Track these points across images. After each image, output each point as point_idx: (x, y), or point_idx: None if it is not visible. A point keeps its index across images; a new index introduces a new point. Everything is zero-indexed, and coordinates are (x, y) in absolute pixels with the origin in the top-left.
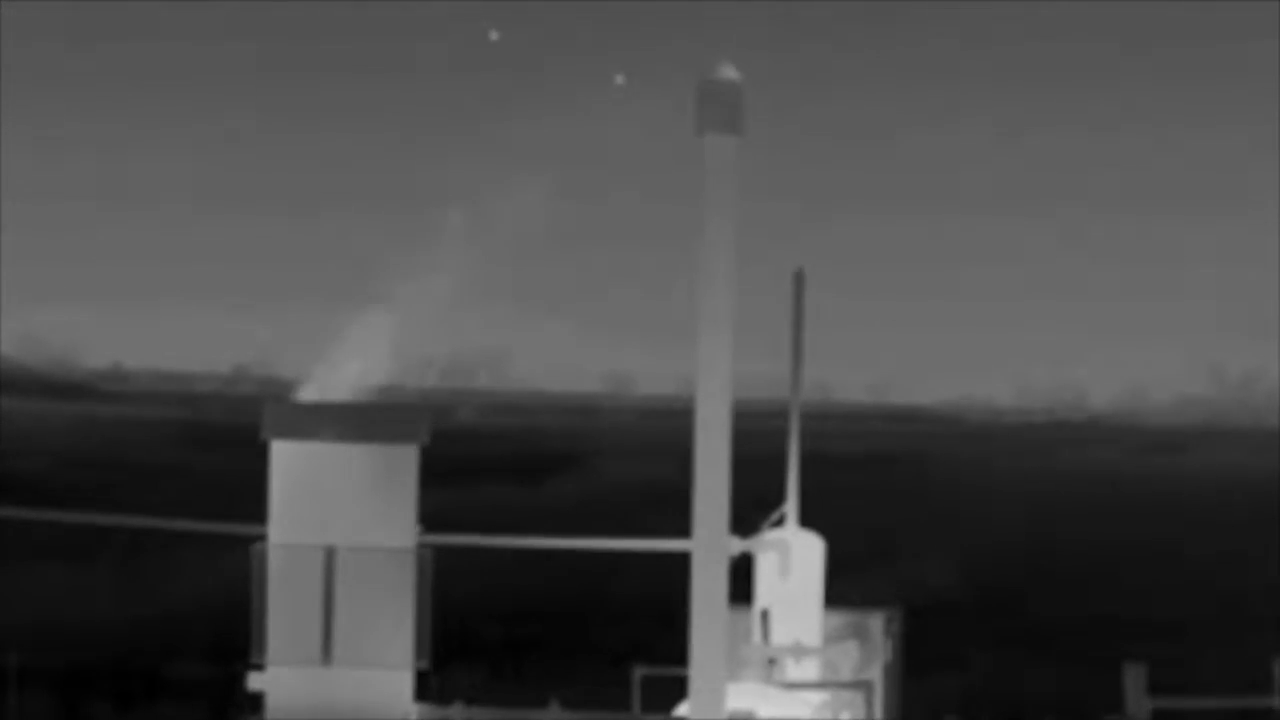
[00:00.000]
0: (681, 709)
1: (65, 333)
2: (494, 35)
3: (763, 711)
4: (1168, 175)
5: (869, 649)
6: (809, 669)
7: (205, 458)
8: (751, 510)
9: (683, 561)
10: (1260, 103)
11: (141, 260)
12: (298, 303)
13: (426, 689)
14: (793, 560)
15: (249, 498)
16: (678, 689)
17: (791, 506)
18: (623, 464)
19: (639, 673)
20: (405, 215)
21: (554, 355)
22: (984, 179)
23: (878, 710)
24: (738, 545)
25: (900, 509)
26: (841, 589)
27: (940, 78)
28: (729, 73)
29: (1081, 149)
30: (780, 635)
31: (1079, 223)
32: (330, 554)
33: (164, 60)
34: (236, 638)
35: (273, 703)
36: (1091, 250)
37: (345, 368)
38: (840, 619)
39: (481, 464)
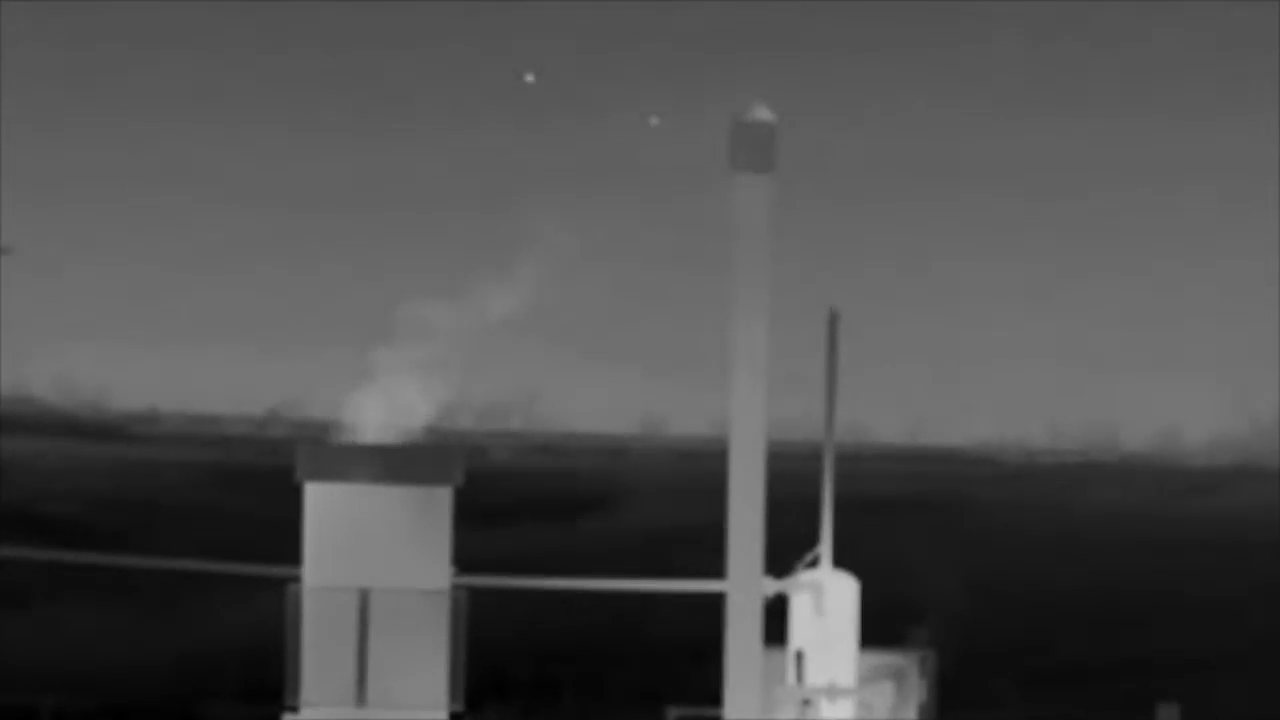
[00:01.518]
0: None
1: (98, 375)
2: (529, 77)
3: None
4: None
5: (904, 689)
6: (843, 710)
7: (239, 500)
8: (786, 551)
9: (717, 602)
10: None
11: (174, 302)
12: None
13: None
14: (827, 601)
15: (283, 539)
16: None
17: (825, 547)
18: (657, 505)
19: (673, 713)
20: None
21: (587, 396)
22: (1017, 217)
23: None
24: (772, 586)
25: (935, 550)
26: (876, 630)
27: (977, 119)
28: (762, 113)
29: (1117, 188)
30: (815, 676)
31: (1113, 262)
32: (364, 595)
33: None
34: (271, 679)
35: None
36: (1125, 289)
37: (379, 410)
38: (875, 659)
39: (515, 505)
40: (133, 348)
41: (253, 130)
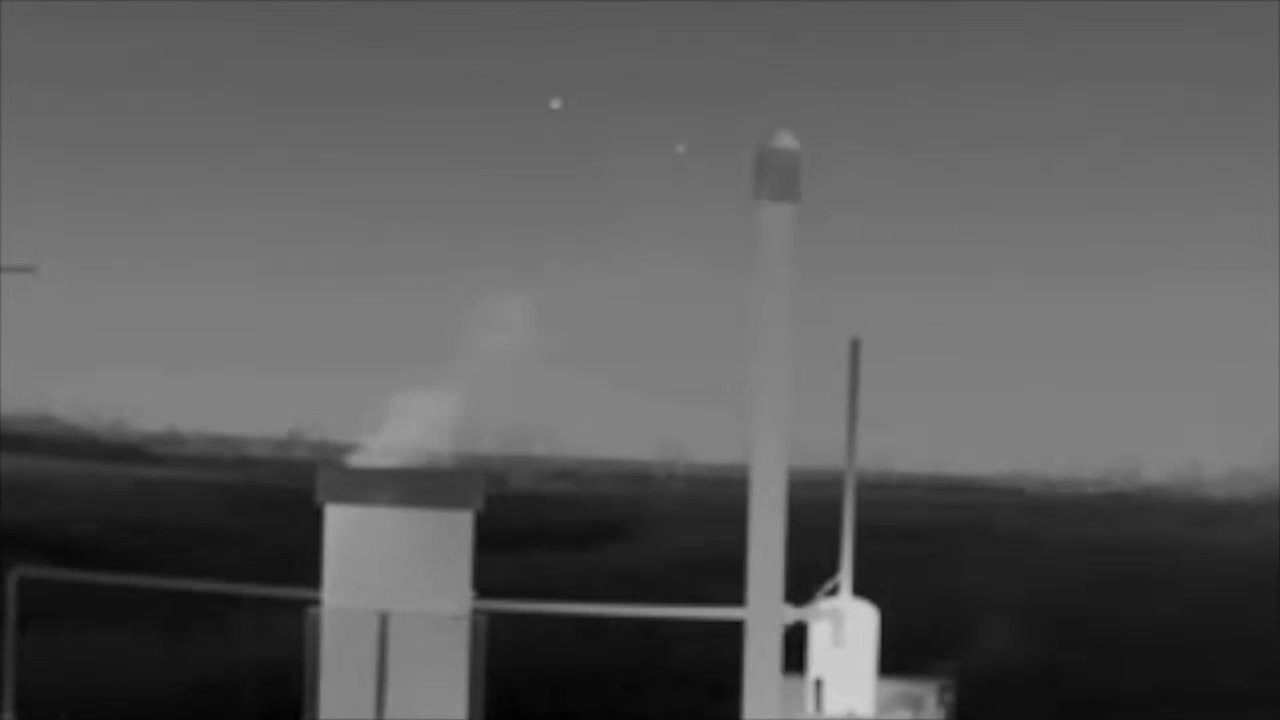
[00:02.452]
0: None
1: (118, 396)
2: (555, 104)
3: None
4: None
5: (922, 719)
6: None
7: (259, 521)
8: (806, 580)
9: (736, 630)
10: None
11: (195, 324)
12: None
13: None
14: (847, 629)
15: (303, 562)
16: None
17: (845, 575)
18: (676, 531)
19: None
20: (462, 280)
21: (609, 422)
22: (1042, 247)
23: None
24: (791, 614)
25: (957, 579)
26: (895, 658)
27: (998, 146)
28: (787, 141)
29: (1141, 223)
30: (833, 705)
31: (1138, 295)
32: (384, 619)
33: (225, 126)
34: (288, 702)
35: None
36: (1146, 318)
37: (400, 434)
38: (893, 688)
39: (535, 530)
40: (154, 368)
41: (276, 158)
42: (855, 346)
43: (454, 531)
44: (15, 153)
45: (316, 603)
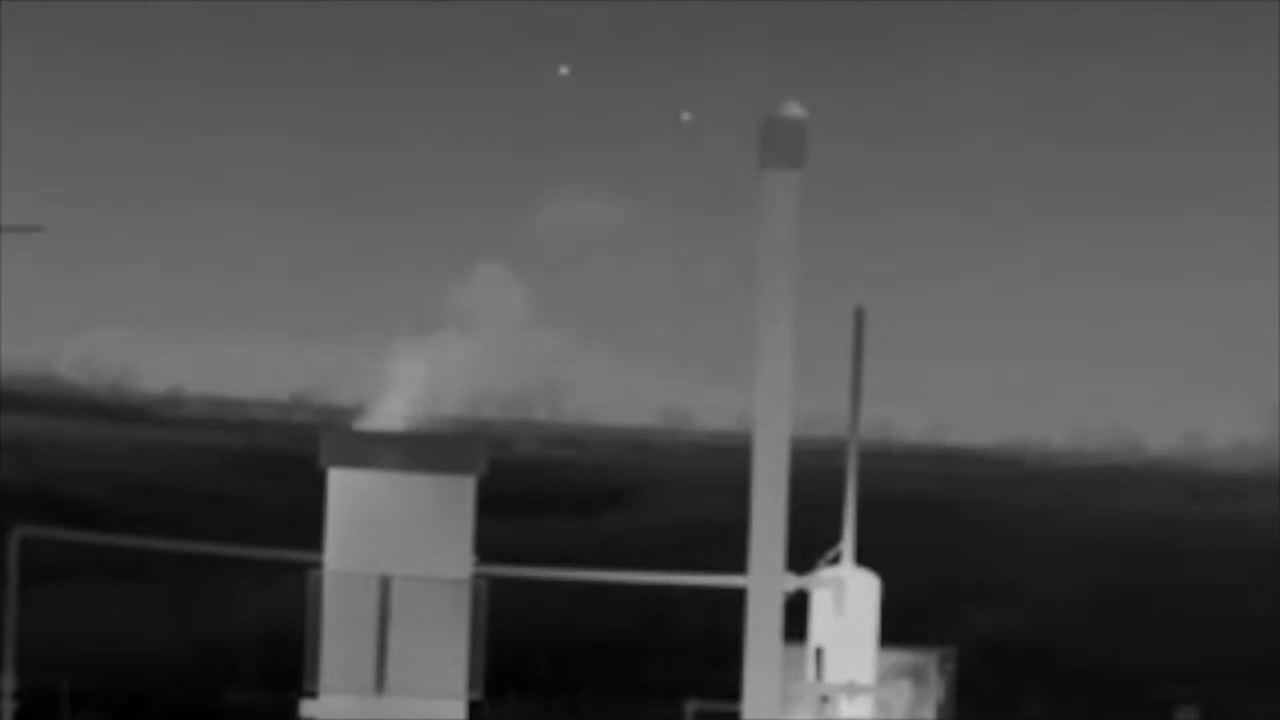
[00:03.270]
0: None
1: (123, 357)
2: (564, 70)
3: None
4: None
5: (923, 688)
6: (862, 707)
7: (262, 485)
8: (809, 548)
9: (738, 597)
10: None
11: (200, 285)
12: (357, 332)
13: (479, 719)
14: (848, 598)
15: (306, 525)
16: None
17: (848, 544)
18: (679, 499)
19: (692, 708)
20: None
21: (612, 390)
22: (1046, 223)
23: None
24: (793, 582)
25: (958, 549)
26: (896, 628)
27: (1005, 121)
28: (793, 109)
29: (1143, 193)
30: (834, 673)
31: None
32: (386, 583)
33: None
34: (290, 665)
35: None
36: (1150, 293)
37: (404, 398)
38: (894, 658)
39: (538, 496)
40: (157, 330)
41: (282, 122)
42: (860, 315)
43: (456, 496)
44: (19, 116)
45: (318, 566)
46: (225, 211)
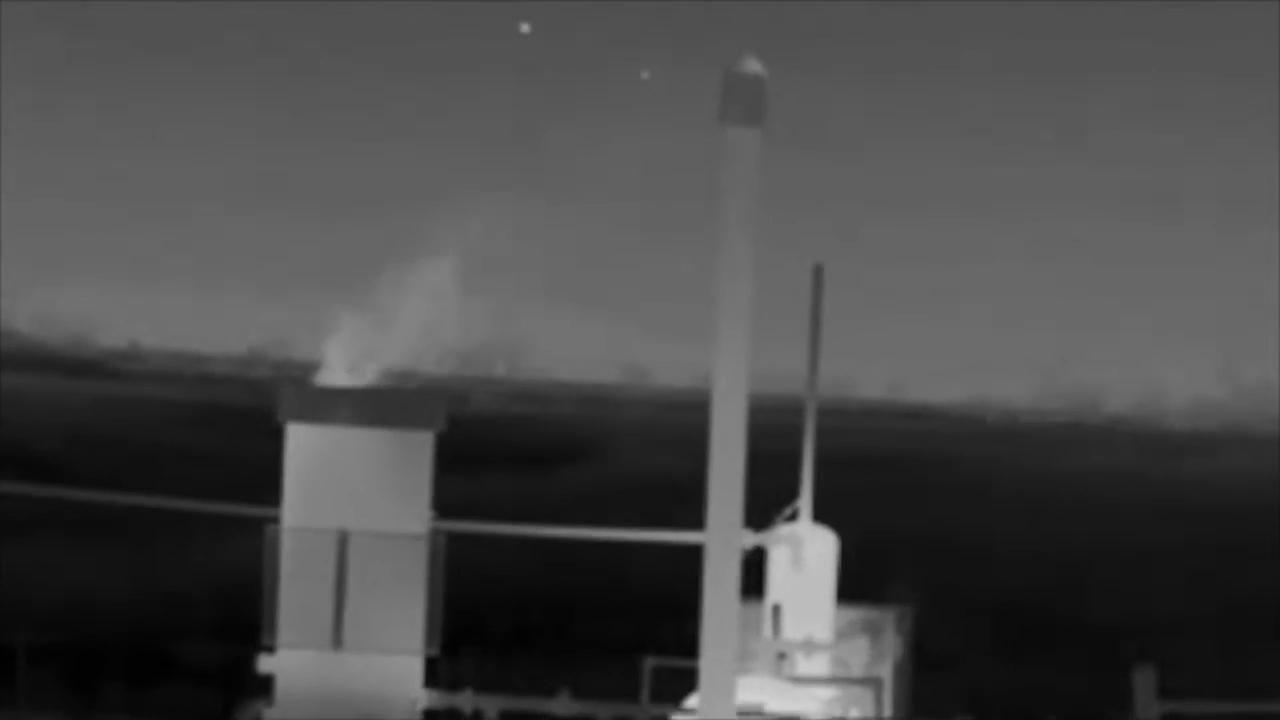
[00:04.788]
0: (691, 701)
1: (81, 310)
2: (525, 28)
3: (772, 705)
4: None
5: (879, 646)
6: (819, 664)
7: (219, 439)
8: (767, 506)
9: (695, 554)
10: None
11: (159, 240)
12: (315, 286)
13: (436, 675)
14: (805, 555)
15: (263, 480)
16: (688, 681)
17: (805, 501)
18: (638, 455)
19: (649, 664)
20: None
21: (571, 345)
22: (1006, 179)
23: (887, 707)
24: (751, 539)
25: (917, 507)
26: (853, 585)
27: (970, 79)
28: (753, 66)
29: (1105, 149)
30: (791, 630)
31: (1099, 224)
32: (343, 538)
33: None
34: (247, 619)
35: (282, 685)
36: (1111, 252)
37: (361, 353)
38: (851, 615)
39: (496, 452)
40: (116, 283)
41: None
42: (819, 271)
43: (415, 452)
44: None
45: (276, 521)
46: (182, 164)
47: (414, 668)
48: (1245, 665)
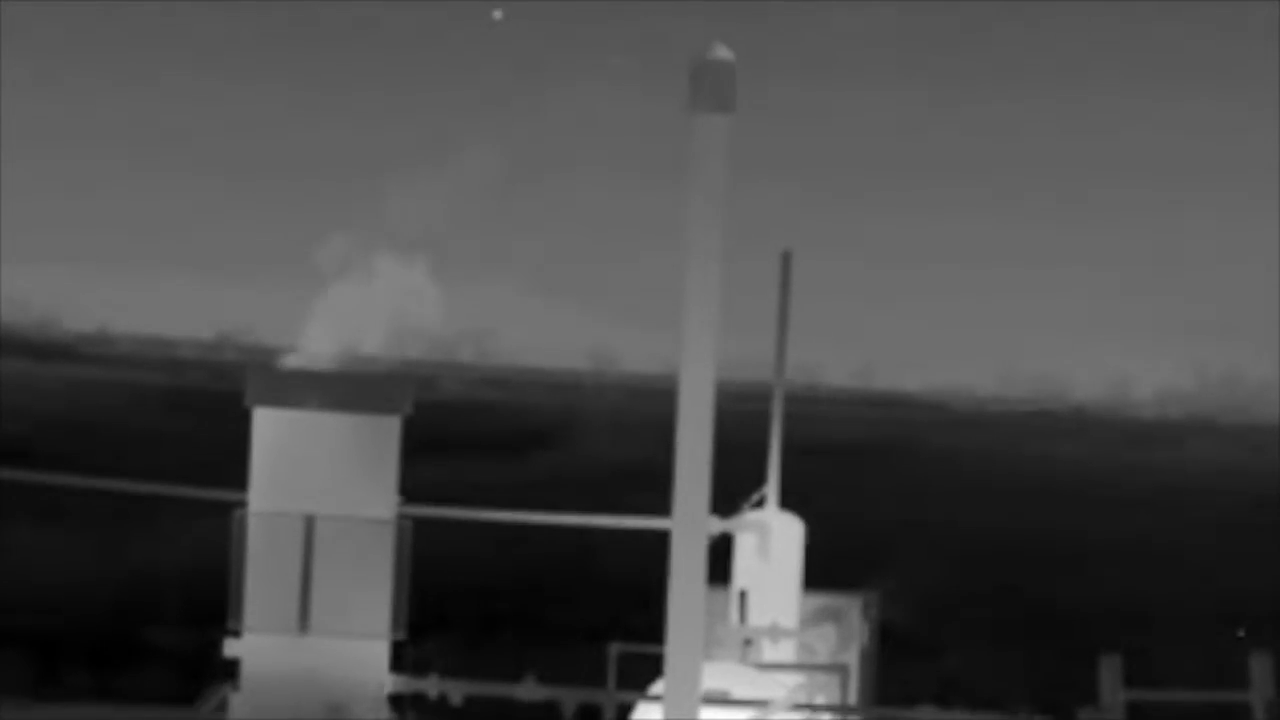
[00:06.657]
0: (657, 687)
1: (49, 294)
2: (497, 14)
3: (738, 692)
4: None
5: (846, 632)
6: (785, 651)
7: (187, 423)
8: (735, 493)
9: (662, 540)
10: (1263, 90)
11: (127, 224)
12: (283, 270)
13: (403, 660)
14: (772, 542)
15: (230, 464)
16: (653, 667)
17: (772, 488)
18: (605, 441)
19: (615, 650)
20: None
21: (539, 331)
22: (975, 170)
23: (853, 694)
24: (717, 525)
25: (884, 495)
26: (820, 573)
27: (938, 70)
28: (722, 52)
29: (1073, 144)
30: (757, 616)
31: (1067, 215)
32: (310, 523)
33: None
34: (213, 604)
35: (248, 670)
36: (1078, 241)
37: (329, 337)
38: (818, 602)
39: (464, 438)
40: (84, 267)
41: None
42: (787, 258)
43: (382, 436)
44: None
45: (242, 505)
46: (150, 148)
47: (381, 652)
48: (1213, 654)
